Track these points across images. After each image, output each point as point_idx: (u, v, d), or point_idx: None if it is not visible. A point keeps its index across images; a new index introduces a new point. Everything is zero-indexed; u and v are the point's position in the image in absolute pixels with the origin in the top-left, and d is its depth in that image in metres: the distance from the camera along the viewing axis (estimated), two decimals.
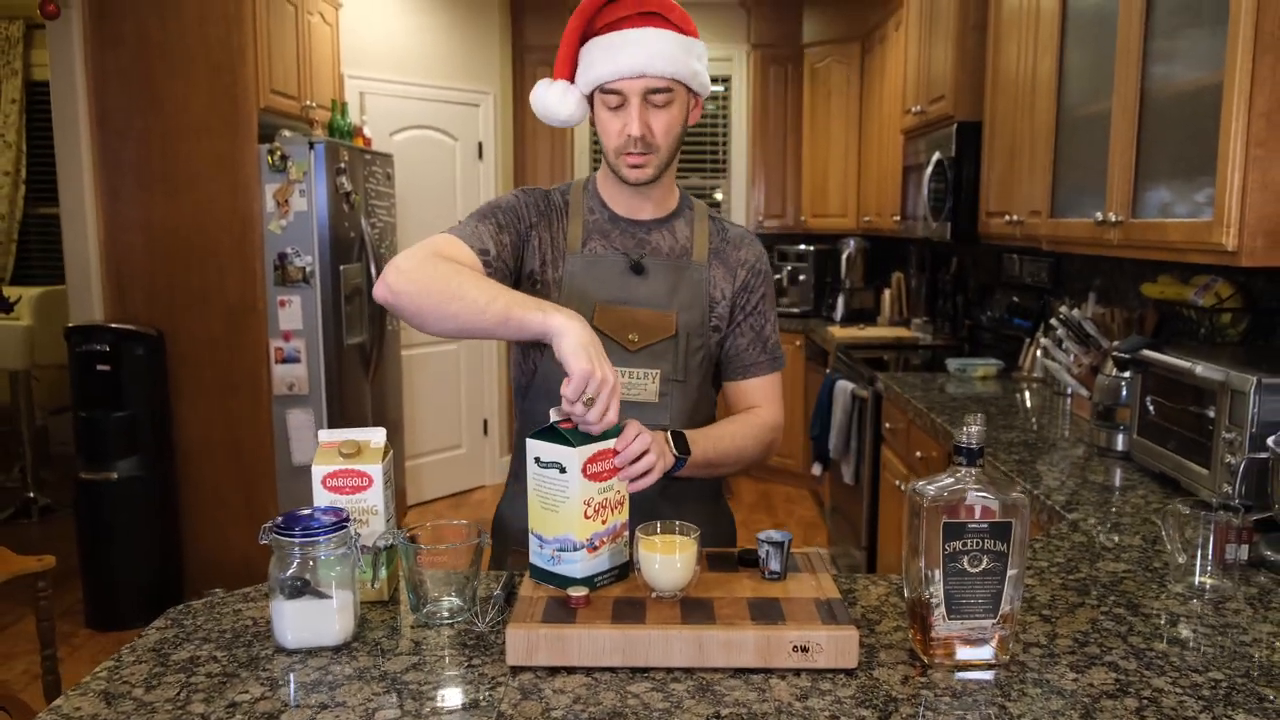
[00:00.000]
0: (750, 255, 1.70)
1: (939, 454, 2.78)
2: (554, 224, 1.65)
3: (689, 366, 1.63)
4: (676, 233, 1.67)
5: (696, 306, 1.63)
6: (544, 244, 1.64)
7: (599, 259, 1.62)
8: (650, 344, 1.60)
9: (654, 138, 1.54)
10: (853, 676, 1.17)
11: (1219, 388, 1.77)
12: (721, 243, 1.69)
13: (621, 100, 1.52)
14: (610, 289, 1.61)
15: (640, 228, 1.66)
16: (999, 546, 1.18)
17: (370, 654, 1.24)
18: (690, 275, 1.64)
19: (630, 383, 1.59)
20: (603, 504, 1.31)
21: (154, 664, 1.22)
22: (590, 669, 1.18)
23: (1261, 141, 1.77)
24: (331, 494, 1.39)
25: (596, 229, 1.65)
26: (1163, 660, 1.22)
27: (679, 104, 1.55)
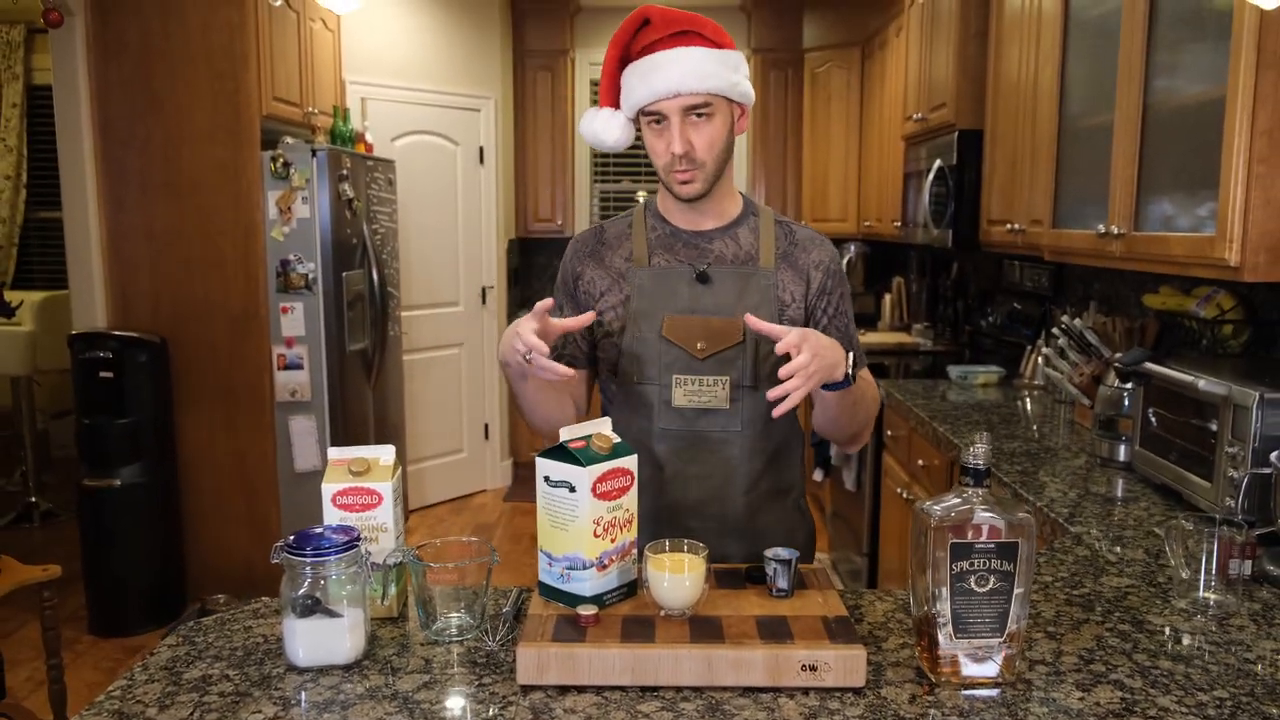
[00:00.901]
0: (823, 256, 1.71)
1: (941, 462, 2.79)
2: (610, 253, 1.72)
3: (760, 372, 1.64)
4: (740, 240, 1.69)
5: (765, 311, 1.64)
6: (597, 279, 1.71)
7: (664, 272, 1.67)
8: (717, 351, 1.63)
9: (697, 152, 1.57)
10: (861, 695, 1.18)
11: (1222, 402, 1.78)
12: (790, 246, 1.70)
13: (663, 120, 1.56)
14: (676, 300, 1.65)
15: (702, 238, 1.69)
16: (1006, 566, 1.19)
17: (381, 672, 1.25)
18: (757, 281, 1.66)
19: (700, 389, 1.64)
20: (612, 523, 1.32)
21: (167, 683, 1.22)
22: (600, 688, 1.19)
23: (1264, 158, 1.78)
24: (341, 511, 1.40)
25: (660, 244, 1.70)
26: (1168, 678, 1.23)
27: (720, 117, 1.57)
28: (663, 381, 1.65)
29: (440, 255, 5.55)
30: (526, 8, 6.04)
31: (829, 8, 5.89)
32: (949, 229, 3.83)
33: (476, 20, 5.62)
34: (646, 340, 1.65)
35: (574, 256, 1.76)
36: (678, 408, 1.64)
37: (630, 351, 1.67)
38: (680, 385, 1.64)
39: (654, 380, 1.66)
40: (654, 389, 1.66)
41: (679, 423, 1.65)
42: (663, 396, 1.65)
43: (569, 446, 1.31)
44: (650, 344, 1.65)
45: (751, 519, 1.70)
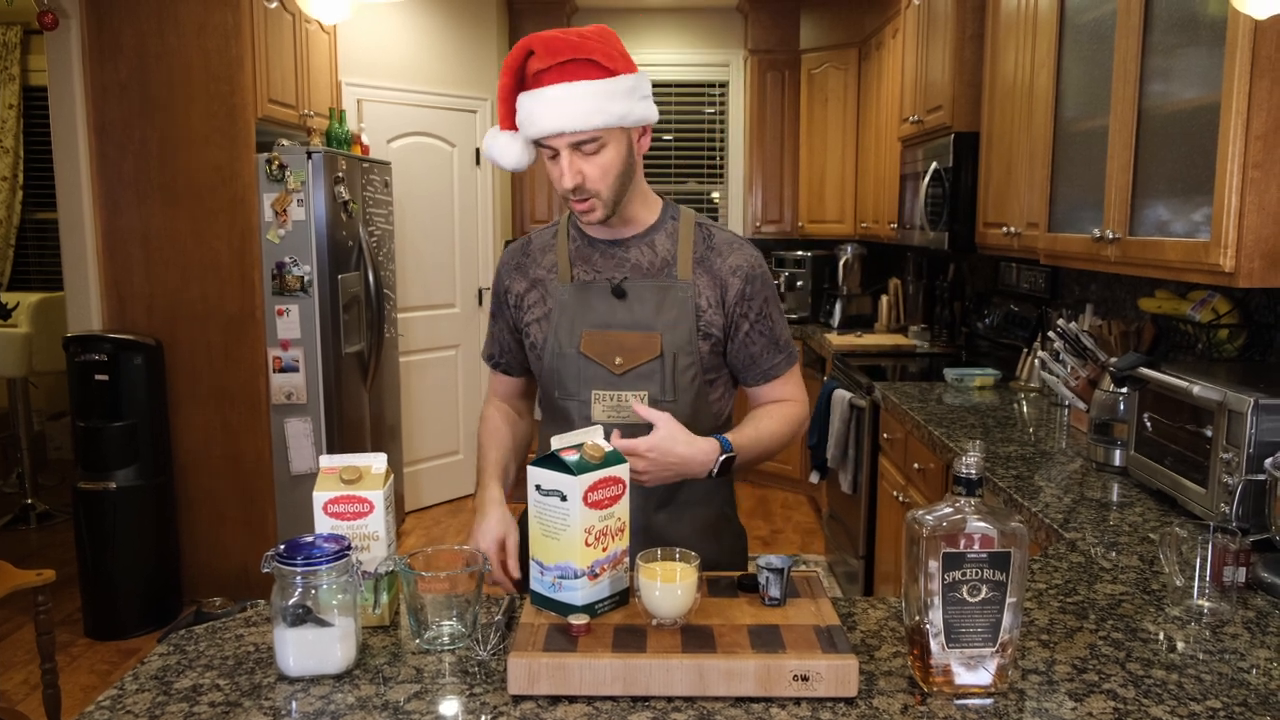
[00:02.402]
0: (740, 261, 1.68)
1: (937, 466, 2.79)
2: (534, 266, 1.75)
3: (678, 385, 1.65)
4: (656, 246, 1.69)
5: (684, 324, 1.65)
6: (523, 291, 1.75)
7: (582, 286, 1.68)
8: (635, 366, 1.65)
9: (589, 183, 1.56)
10: (853, 705, 1.18)
11: (1216, 408, 1.78)
12: (707, 250, 1.69)
13: (554, 152, 1.55)
14: (594, 315, 1.66)
15: (618, 247, 1.70)
16: (998, 576, 1.19)
17: (372, 682, 1.25)
18: (675, 293, 1.66)
19: (619, 405, 1.65)
20: (603, 531, 1.32)
21: (157, 692, 1.22)
22: (591, 698, 1.19)
23: (1258, 164, 1.78)
24: (333, 520, 1.39)
25: (579, 255, 1.71)
26: (1161, 688, 1.23)
27: (613, 146, 1.55)
28: (582, 397, 1.67)
29: (436, 257, 5.55)
30: (523, 9, 6.04)
31: (826, 9, 5.89)
32: (945, 231, 3.83)
33: (472, 21, 5.62)
34: (566, 355, 1.67)
35: (503, 269, 1.79)
36: (597, 423, 1.64)
37: (551, 366, 1.69)
38: (599, 400, 1.66)
39: (574, 395, 1.68)
40: (575, 404, 1.68)
41: None
42: (583, 412, 1.67)
43: (560, 455, 1.31)
44: (570, 359, 1.67)
45: (682, 531, 1.70)
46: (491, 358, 1.86)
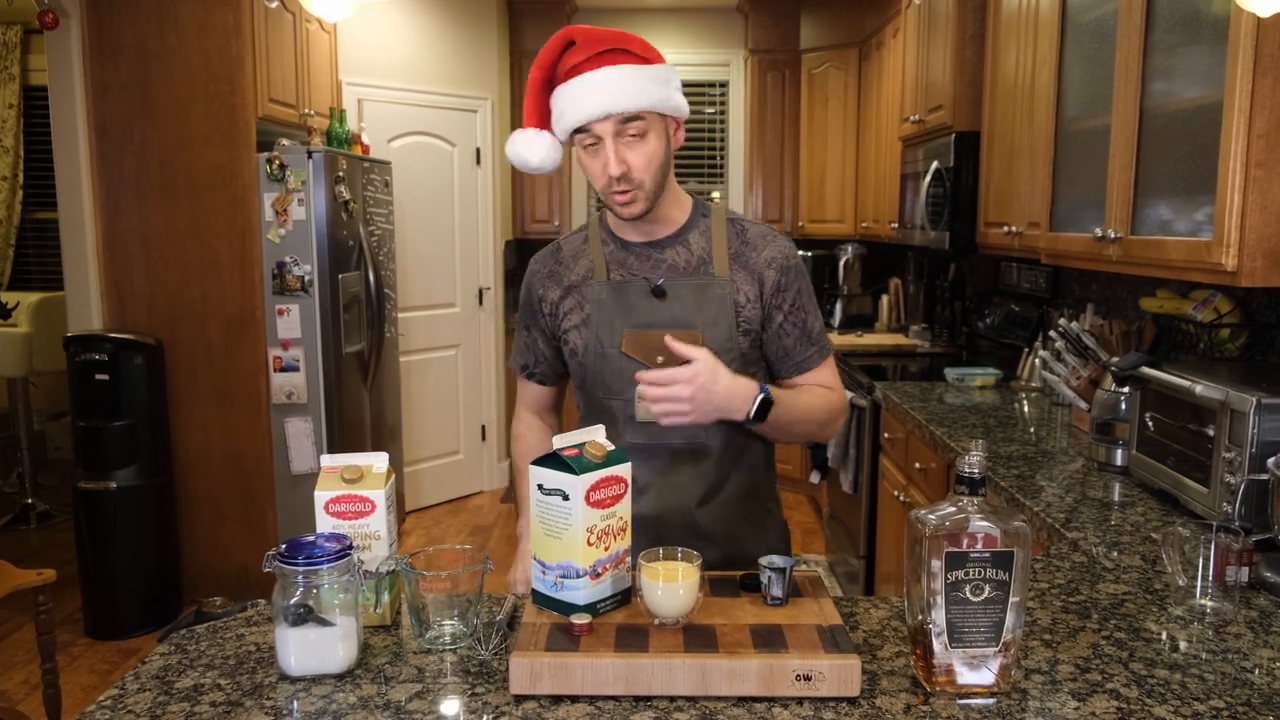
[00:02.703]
0: (775, 253, 1.69)
1: (938, 465, 2.79)
2: (566, 271, 1.75)
3: None
4: (692, 246, 1.69)
5: (723, 320, 1.66)
6: (558, 298, 1.74)
7: (620, 287, 1.68)
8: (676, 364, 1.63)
9: (634, 172, 1.57)
10: (855, 705, 1.17)
11: (1219, 407, 1.78)
12: (741, 245, 1.70)
13: (596, 141, 1.56)
14: (634, 315, 1.67)
15: (654, 248, 1.70)
16: (1001, 575, 1.19)
17: (374, 681, 1.24)
18: (713, 290, 1.66)
19: None
20: (605, 531, 1.32)
21: (158, 692, 1.22)
22: (594, 698, 1.18)
23: (1261, 162, 1.77)
24: (334, 519, 1.39)
25: (615, 259, 1.71)
26: (1164, 688, 1.22)
27: (655, 134, 1.57)
28: (625, 396, 1.67)
29: (437, 256, 5.55)
30: (523, 8, 6.04)
31: (826, 9, 5.89)
32: (946, 231, 3.83)
33: (473, 21, 5.62)
34: (608, 356, 1.68)
35: (534, 278, 1.79)
36: (641, 421, 1.66)
37: (593, 367, 1.70)
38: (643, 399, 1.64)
39: (618, 395, 1.68)
40: (618, 403, 1.69)
41: (644, 435, 1.68)
42: (627, 411, 1.68)
43: (562, 454, 1.31)
44: (611, 359, 1.67)
45: (724, 524, 1.72)
46: (525, 368, 1.83)
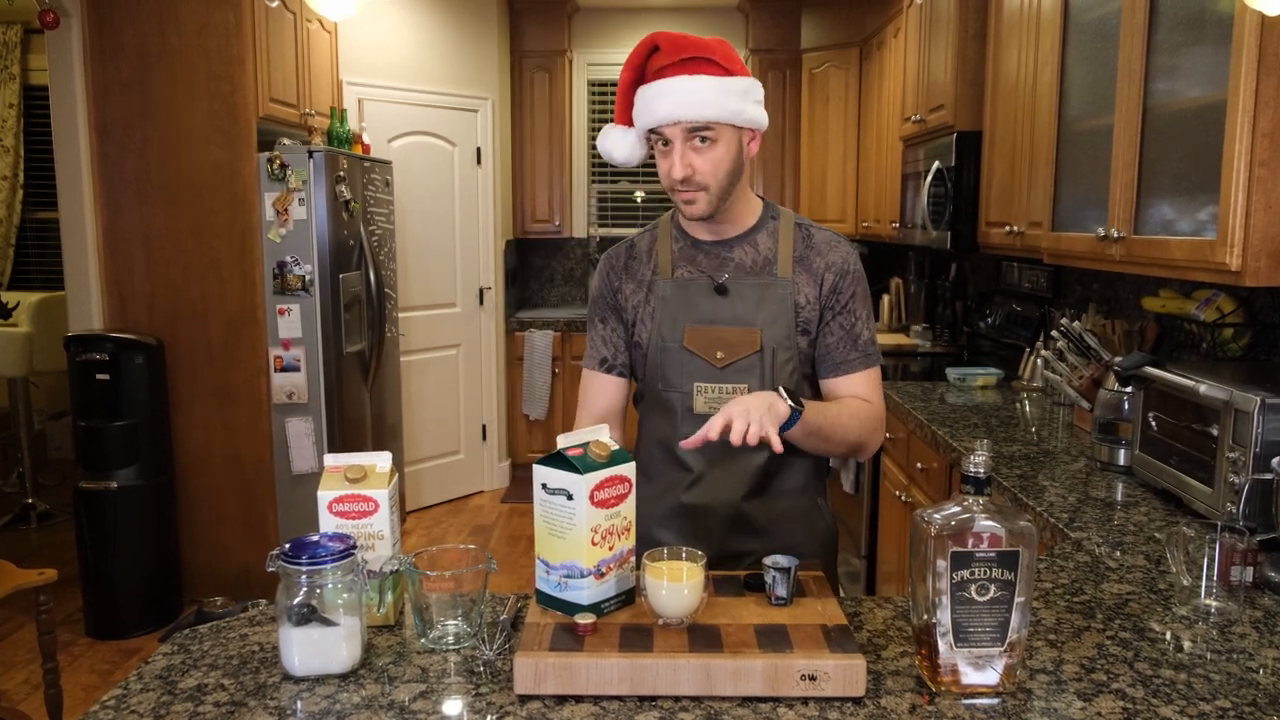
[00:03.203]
0: (837, 258, 1.74)
1: (939, 465, 2.78)
2: (640, 267, 1.80)
3: (777, 379, 1.71)
4: (759, 246, 1.75)
5: (783, 320, 1.71)
6: (632, 293, 1.79)
7: (686, 283, 1.74)
8: (735, 360, 1.70)
9: (699, 176, 1.62)
10: (860, 705, 1.17)
11: (1223, 407, 1.78)
12: (806, 249, 1.75)
13: (669, 143, 1.62)
14: (697, 311, 1.72)
15: (722, 247, 1.75)
16: (1006, 575, 1.19)
17: (378, 681, 1.24)
18: (775, 291, 1.72)
19: (720, 397, 1.70)
20: (610, 530, 1.32)
21: (161, 692, 1.21)
22: (598, 698, 1.18)
23: (1265, 162, 1.77)
24: (338, 519, 1.39)
25: (683, 255, 1.77)
26: (1170, 688, 1.22)
27: (725, 142, 1.62)
28: (685, 389, 1.72)
29: (437, 256, 5.54)
30: (523, 8, 6.03)
31: (827, 9, 5.89)
32: (947, 230, 3.82)
33: (473, 21, 5.61)
34: (670, 350, 1.73)
35: (610, 272, 1.83)
36: (700, 414, 1.70)
37: (655, 360, 1.75)
38: (701, 393, 1.71)
39: (678, 388, 1.73)
40: (677, 396, 1.73)
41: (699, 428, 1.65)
42: (685, 403, 1.73)
43: (566, 454, 1.30)
44: (673, 353, 1.72)
45: (772, 518, 1.75)
46: (604, 361, 1.82)
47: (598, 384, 1.82)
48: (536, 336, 5.89)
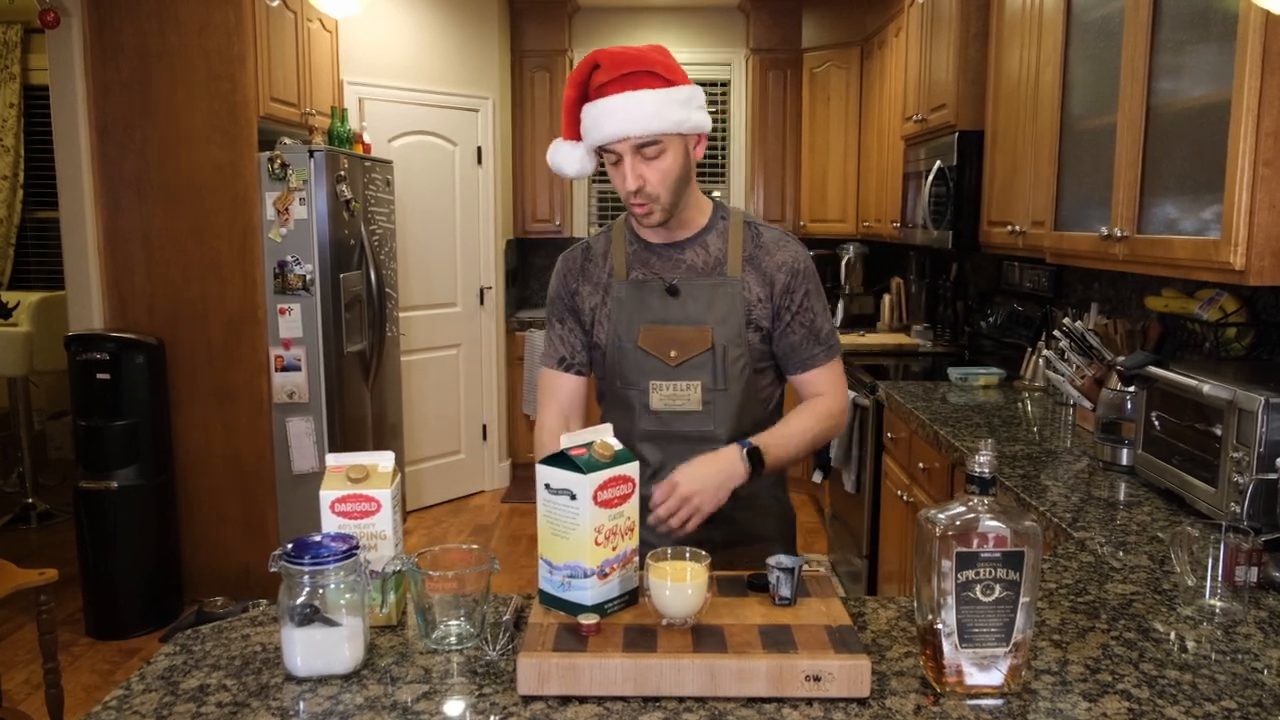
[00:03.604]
0: (787, 257, 1.80)
1: (941, 465, 2.78)
2: (596, 269, 1.87)
3: (729, 375, 1.78)
4: (709, 247, 1.81)
5: (733, 318, 1.77)
6: (589, 295, 1.86)
7: (640, 285, 1.81)
8: (688, 358, 1.78)
9: (650, 187, 1.68)
10: (865, 706, 1.17)
11: (1226, 406, 1.77)
12: (755, 249, 1.80)
13: (617, 158, 1.67)
14: (651, 312, 1.80)
15: (674, 249, 1.81)
16: (1012, 575, 1.18)
17: (380, 682, 1.24)
18: (725, 290, 1.78)
19: (675, 394, 1.79)
20: (613, 530, 1.31)
21: (164, 692, 1.21)
22: (602, 698, 1.18)
23: (1269, 161, 1.76)
24: (340, 519, 1.38)
25: (636, 258, 1.84)
26: (1175, 688, 1.22)
27: (672, 152, 1.67)
28: (641, 386, 1.80)
29: (438, 256, 5.54)
30: (524, 7, 6.03)
31: (828, 8, 5.88)
32: (949, 230, 3.82)
33: (474, 20, 5.61)
34: (626, 349, 1.80)
35: (567, 274, 1.90)
36: (655, 410, 1.80)
37: (613, 360, 1.82)
38: (657, 390, 1.79)
39: (635, 385, 1.81)
40: (635, 393, 1.81)
41: (658, 424, 1.80)
42: (642, 400, 1.81)
43: (570, 454, 1.30)
44: (629, 353, 1.80)
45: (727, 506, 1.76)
46: (563, 360, 1.89)
47: (557, 381, 1.90)
48: (537, 336, 5.88)
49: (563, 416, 1.88)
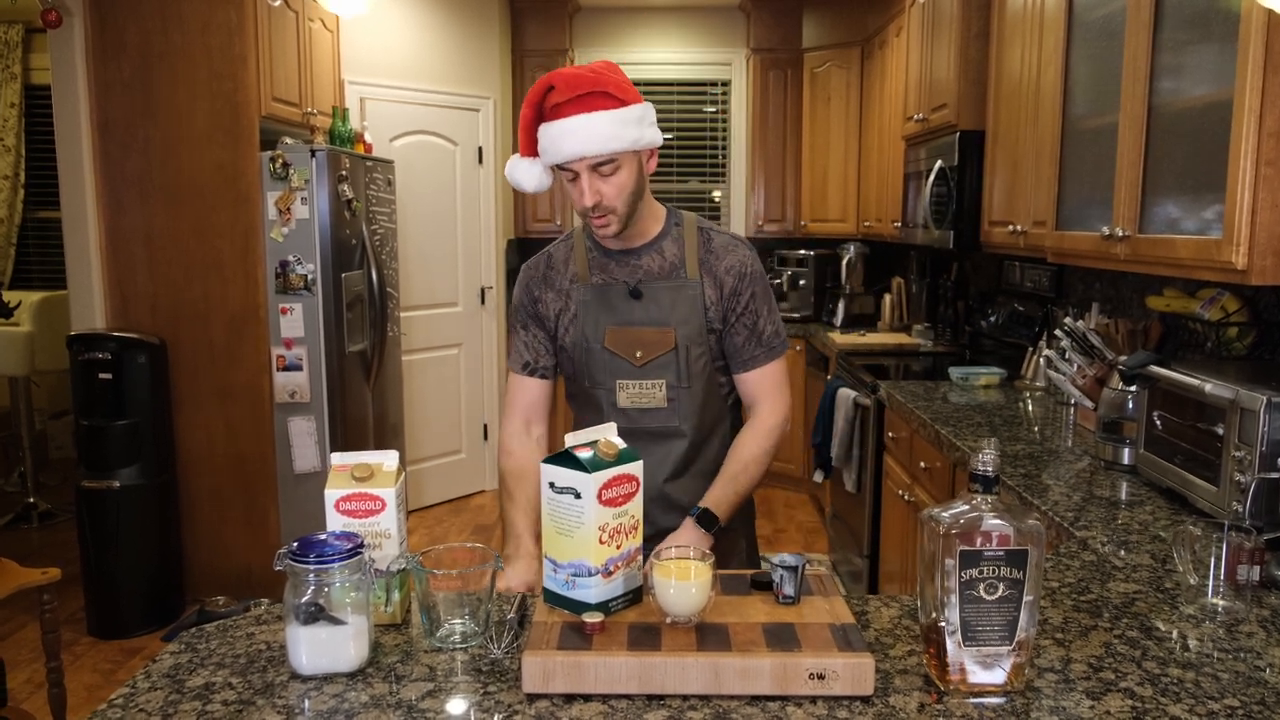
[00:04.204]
0: (734, 261, 1.87)
1: (943, 464, 2.78)
2: (558, 276, 1.92)
3: (692, 373, 1.86)
4: (665, 252, 1.88)
5: (694, 319, 1.84)
6: (552, 301, 1.92)
7: (603, 289, 1.87)
8: (653, 358, 1.85)
9: (607, 200, 1.74)
10: (869, 704, 1.17)
11: (1229, 406, 1.77)
12: (707, 253, 1.87)
13: (574, 175, 1.72)
14: (616, 313, 1.86)
15: (632, 255, 1.88)
16: (1015, 574, 1.18)
17: (385, 680, 1.24)
18: (686, 292, 1.85)
19: (640, 392, 1.86)
20: (617, 529, 1.32)
21: (169, 691, 1.21)
22: (606, 696, 1.18)
23: (1271, 160, 1.77)
24: (345, 518, 1.39)
25: (596, 264, 1.90)
26: (1178, 686, 1.22)
27: (626, 168, 1.73)
28: (609, 386, 1.87)
29: (439, 255, 5.54)
30: (525, 7, 6.03)
31: (828, 7, 5.89)
32: (950, 230, 3.82)
33: (475, 20, 5.61)
34: (593, 350, 1.87)
35: (530, 282, 1.95)
36: (623, 408, 1.86)
37: (581, 360, 1.89)
38: (623, 389, 1.86)
39: (602, 384, 1.88)
40: (603, 392, 1.88)
41: (625, 420, 1.85)
42: (610, 399, 1.87)
43: (574, 452, 1.30)
44: (596, 353, 1.87)
45: (690, 496, 1.87)
46: (527, 365, 1.94)
47: (522, 385, 1.96)
48: None
49: (525, 420, 1.95)
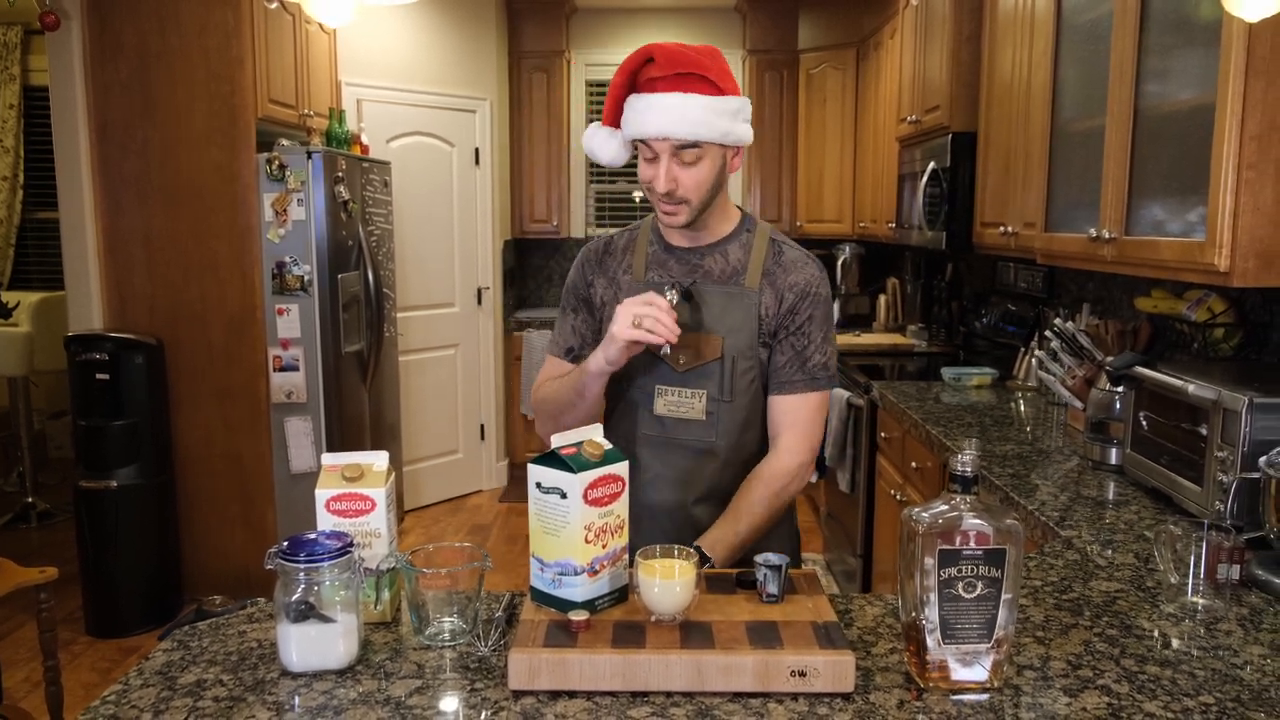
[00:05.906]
0: (800, 279, 1.75)
1: (934, 465, 2.80)
2: (614, 264, 1.83)
3: (735, 387, 1.73)
4: (729, 256, 1.76)
5: (746, 329, 1.72)
6: (604, 289, 1.82)
7: (653, 287, 1.73)
8: (696, 366, 1.72)
9: (682, 191, 1.64)
10: (849, 701, 1.19)
11: (1211, 406, 1.80)
12: (774, 265, 1.76)
13: (654, 155, 1.63)
14: None
15: (694, 254, 1.77)
16: (993, 573, 1.20)
17: (374, 677, 1.26)
18: (741, 300, 1.73)
19: (679, 400, 1.74)
20: (603, 529, 1.33)
21: (161, 687, 1.23)
22: (591, 693, 1.20)
23: (1253, 164, 1.79)
24: (335, 517, 1.40)
25: (655, 259, 1.80)
26: (1155, 684, 1.24)
27: (709, 160, 1.63)
28: (647, 389, 1.76)
29: (436, 256, 5.56)
30: (522, 9, 6.05)
31: (824, 10, 5.91)
32: (943, 231, 3.84)
33: (472, 21, 5.63)
34: None
35: (585, 264, 1.86)
36: (658, 415, 1.75)
37: None
38: (662, 395, 1.75)
39: (641, 387, 1.77)
40: (640, 395, 1.77)
41: (659, 429, 1.76)
42: (647, 404, 1.76)
43: (560, 453, 1.32)
44: (637, 354, 1.70)
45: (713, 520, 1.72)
46: (570, 350, 1.85)
47: (560, 370, 1.84)
48: (535, 336, 5.91)
49: None
